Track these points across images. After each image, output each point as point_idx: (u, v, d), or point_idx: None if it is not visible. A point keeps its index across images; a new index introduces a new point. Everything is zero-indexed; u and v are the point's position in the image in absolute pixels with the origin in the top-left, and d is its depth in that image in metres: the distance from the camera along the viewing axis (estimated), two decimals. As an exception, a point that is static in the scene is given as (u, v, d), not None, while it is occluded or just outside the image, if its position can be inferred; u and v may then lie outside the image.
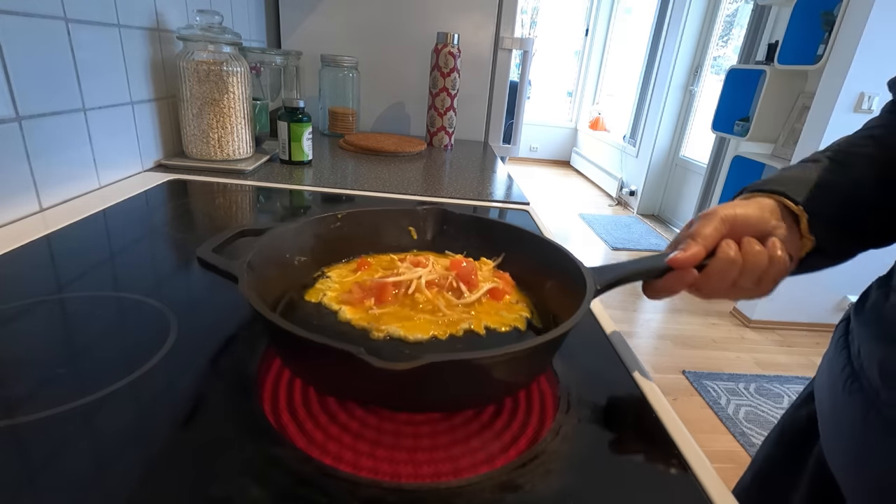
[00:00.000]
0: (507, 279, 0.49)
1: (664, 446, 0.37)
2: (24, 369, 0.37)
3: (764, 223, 0.42)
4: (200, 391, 0.37)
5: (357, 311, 0.42)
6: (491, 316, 0.44)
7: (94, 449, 0.31)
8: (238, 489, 0.29)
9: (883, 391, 0.40)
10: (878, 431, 0.40)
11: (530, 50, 1.56)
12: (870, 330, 0.44)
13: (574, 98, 5.82)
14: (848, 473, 0.44)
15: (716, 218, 0.42)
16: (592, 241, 3.51)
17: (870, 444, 0.41)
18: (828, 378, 0.49)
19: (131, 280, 0.53)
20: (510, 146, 1.67)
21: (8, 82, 0.59)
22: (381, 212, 0.54)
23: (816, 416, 0.51)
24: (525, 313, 0.45)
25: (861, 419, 0.42)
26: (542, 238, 0.52)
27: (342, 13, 1.45)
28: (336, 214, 0.50)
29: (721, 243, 0.41)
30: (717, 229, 0.41)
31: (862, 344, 0.45)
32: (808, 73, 2.34)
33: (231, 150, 0.96)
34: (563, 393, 0.40)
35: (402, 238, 0.55)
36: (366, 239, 0.53)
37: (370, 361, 0.27)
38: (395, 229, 0.55)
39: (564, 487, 0.32)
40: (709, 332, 2.32)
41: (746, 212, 0.42)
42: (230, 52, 0.90)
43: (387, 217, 0.54)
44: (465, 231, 0.55)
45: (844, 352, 0.47)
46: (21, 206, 0.63)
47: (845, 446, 0.44)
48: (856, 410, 0.42)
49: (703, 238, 0.41)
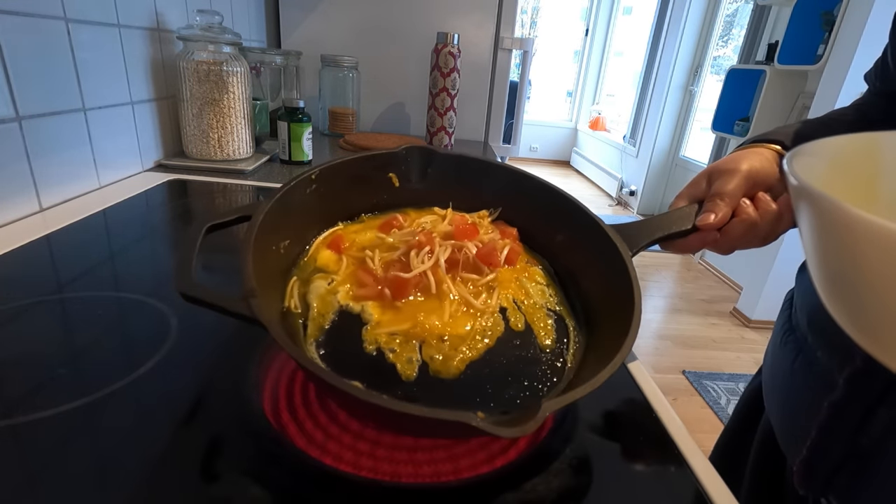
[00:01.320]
0: (514, 235, 0.45)
1: (664, 446, 0.37)
2: (24, 369, 0.37)
3: (773, 175, 0.43)
4: (200, 391, 0.37)
5: (384, 309, 0.36)
6: (512, 287, 0.40)
7: (95, 449, 0.31)
8: (238, 489, 0.29)
9: (810, 336, 0.42)
10: (802, 373, 0.42)
11: (530, 50, 1.56)
12: (804, 284, 0.46)
13: (574, 98, 5.82)
14: (776, 419, 0.46)
15: (738, 175, 0.43)
16: (592, 241, 3.50)
17: (797, 386, 0.43)
18: (772, 337, 0.51)
19: (131, 280, 0.53)
20: (510, 146, 1.67)
21: (8, 82, 0.59)
22: (358, 160, 0.46)
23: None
24: (541, 279, 0.42)
25: (790, 365, 0.44)
26: (547, 184, 0.47)
27: (342, 13, 1.45)
28: (310, 176, 0.42)
29: (740, 203, 0.42)
30: (739, 186, 0.43)
31: (797, 298, 0.47)
32: (808, 73, 2.34)
33: (231, 150, 0.96)
34: (563, 393, 0.40)
35: (384, 188, 0.48)
36: (344, 197, 0.46)
37: (497, 433, 0.24)
38: (375, 179, 0.48)
39: (564, 487, 0.32)
40: (709, 332, 2.32)
41: (762, 165, 0.44)
42: (230, 52, 0.90)
43: (364, 165, 0.47)
44: (453, 173, 0.50)
45: (787, 311, 0.49)
46: (21, 206, 0.63)
47: (778, 395, 0.46)
48: (787, 358, 0.45)
49: (730, 197, 0.42)
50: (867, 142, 0.33)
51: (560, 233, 0.46)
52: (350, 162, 0.45)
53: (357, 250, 0.41)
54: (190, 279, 0.31)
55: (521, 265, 0.43)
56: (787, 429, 0.45)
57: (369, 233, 0.44)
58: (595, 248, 0.42)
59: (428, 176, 0.49)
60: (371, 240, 0.42)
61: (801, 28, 2.25)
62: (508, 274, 0.41)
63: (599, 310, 0.40)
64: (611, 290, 0.39)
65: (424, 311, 0.36)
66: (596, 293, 0.41)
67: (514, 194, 0.48)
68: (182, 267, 0.32)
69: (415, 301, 0.37)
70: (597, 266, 0.42)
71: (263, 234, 0.36)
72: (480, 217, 0.47)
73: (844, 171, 0.32)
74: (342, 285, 0.38)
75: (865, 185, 0.32)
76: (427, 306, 0.36)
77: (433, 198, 0.49)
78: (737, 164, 0.44)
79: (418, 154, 0.49)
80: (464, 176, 0.49)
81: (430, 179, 0.49)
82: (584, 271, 0.43)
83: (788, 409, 0.44)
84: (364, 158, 0.47)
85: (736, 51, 3.24)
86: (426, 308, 0.36)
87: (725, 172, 0.44)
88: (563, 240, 0.45)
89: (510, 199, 0.48)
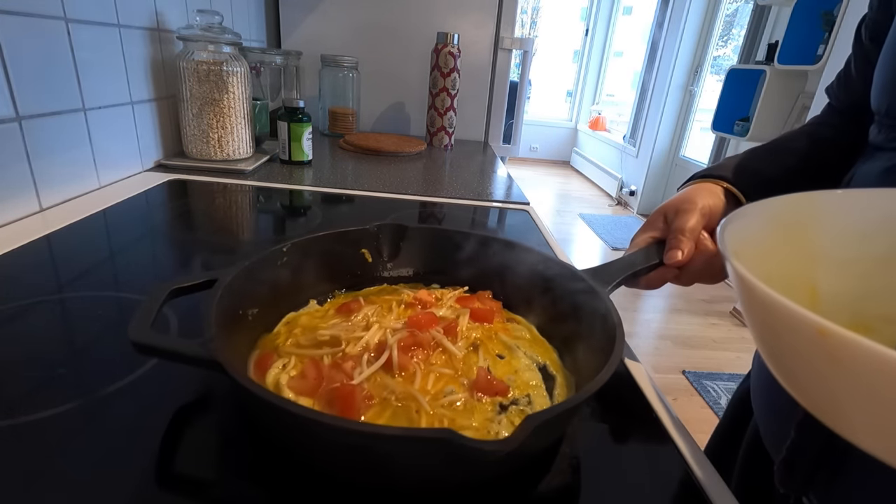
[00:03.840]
0: (485, 297, 0.47)
1: (664, 446, 0.37)
2: (24, 369, 0.37)
3: (723, 209, 0.47)
4: (200, 391, 0.37)
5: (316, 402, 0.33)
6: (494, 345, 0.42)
7: (95, 449, 0.31)
8: (239, 489, 0.29)
9: None
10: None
11: (530, 50, 1.56)
12: None
13: (574, 98, 5.82)
14: (761, 420, 0.47)
15: (696, 211, 0.46)
16: (592, 241, 3.51)
17: (778, 388, 0.44)
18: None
19: (131, 280, 0.53)
20: (510, 146, 1.67)
21: (8, 82, 0.59)
22: (329, 236, 0.48)
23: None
24: (523, 335, 0.44)
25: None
26: (517, 244, 0.49)
27: (342, 13, 1.45)
28: (281, 248, 0.43)
29: (700, 237, 0.45)
30: (699, 222, 0.45)
31: None
32: (808, 73, 2.34)
33: (231, 150, 0.96)
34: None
35: (357, 264, 0.50)
36: (316, 270, 0.46)
37: (481, 447, 0.23)
38: (346, 253, 0.49)
39: (564, 487, 0.32)
40: (709, 332, 2.32)
41: (714, 202, 0.47)
42: (230, 52, 0.90)
43: (335, 241, 0.48)
44: (424, 247, 0.51)
45: None
46: (21, 206, 0.63)
47: (762, 397, 0.47)
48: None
49: (691, 233, 0.44)
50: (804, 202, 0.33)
51: (538, 288, 0.47)
52: (321, 238, 0.47)
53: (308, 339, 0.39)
54: (146, 329, 0.30)
55: (499, 323, 0.45)
56: (770, 429, 0.45)
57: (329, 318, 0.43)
58: (575, 295, 0.43)
59: (402, 250, 0.51)
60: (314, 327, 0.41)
61: (801, 28, 2.25)
62: (488, 332, 0.43)
63: (585, 349, 0.41)
64: (594, 327, 0.39)
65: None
66: (581, 338, 0.41)
67: (488, 260, 0.50)
68: (139, 318, 0.31)
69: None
70: (579, 313, 0.42)
71: (231, 297, 0.36)
72: (440, 295, 0.47)
73: (781, 230, 0.32)
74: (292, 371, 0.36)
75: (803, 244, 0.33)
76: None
77: (408, 272, 0.51)
78: (692, 202, 0.46)
79: (389, 231, 0.51)
80: (436, 248, 0.51)
81: (403, 254, 0.51)
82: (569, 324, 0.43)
83: (771, 410, 0.45)
84: (335, 235, 0.48)
85: (736, 51, 3.24)
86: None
87: (683, 211, 0.46)
88: (542, 295, 0.46)
89: (484, 267, 0.50)
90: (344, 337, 0.38)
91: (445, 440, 0.23)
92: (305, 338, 0.39)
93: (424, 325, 0.40)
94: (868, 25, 0.47)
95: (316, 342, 0.39)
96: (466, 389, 0.36)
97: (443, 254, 0.51)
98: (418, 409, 0.33)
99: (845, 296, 0.32)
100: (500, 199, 0.96)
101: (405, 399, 0.34)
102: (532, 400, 0.37)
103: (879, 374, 0.17)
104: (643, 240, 0.49)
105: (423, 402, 0.33)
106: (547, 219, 3.86)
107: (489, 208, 0.92)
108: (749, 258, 0.25)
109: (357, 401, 0.32)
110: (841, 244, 0.32)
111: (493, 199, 0.96)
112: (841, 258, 0.32)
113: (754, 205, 0.32)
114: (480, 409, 0.35)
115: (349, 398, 0.32)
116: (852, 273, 0.32)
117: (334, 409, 0.32)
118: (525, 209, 0.92)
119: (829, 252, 0.32)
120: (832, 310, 0.31)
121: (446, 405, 0.34)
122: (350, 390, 0.33)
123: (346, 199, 0.88)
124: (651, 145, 4.01)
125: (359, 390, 0.33)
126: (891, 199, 0.32)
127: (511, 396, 0.36)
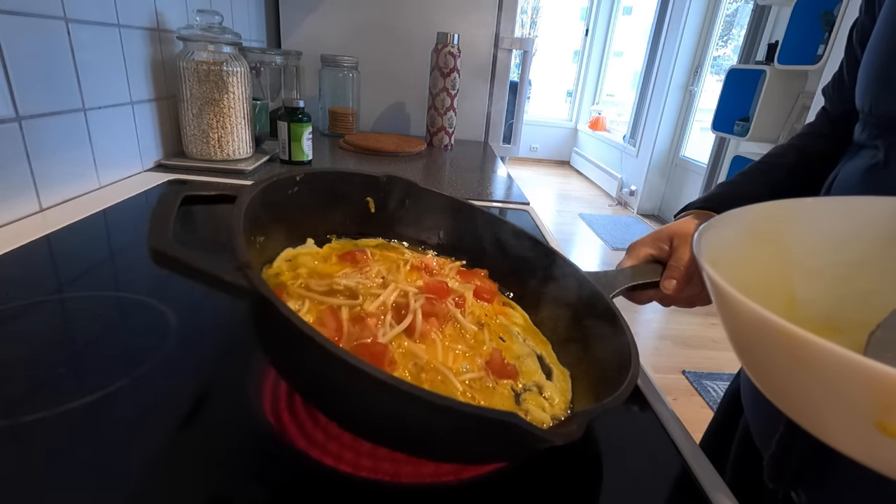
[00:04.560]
0: (482, 275, 0.46)
1: (664, 446, 0.37)
2: (24, 369, 0.37)
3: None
4: (201, 391, 0.36)
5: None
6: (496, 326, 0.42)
7: (95, 449, 0.31)
8: (238, 489, 0.29)
9: None
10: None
11: (530, 50, 1.56)
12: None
13: (574, 98, 5.82)
14: (752, 417, 0.49)
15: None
16: (592, 241, 3.51)
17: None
18: None
19: (131, 280, 0.53)
20: (510, 146, 1.67)
21: (8, 82, 0.59)
22: (341, 173, 0.47)
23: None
24: (520, 320, 0.45)
25: None
26: (523, 231, 0.49)
27: (342, 13, 1.45)
28: (295, 176, 0.42)
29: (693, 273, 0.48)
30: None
31: None
32: (808, 73, 2.34)
33: (231, 150, 0.96)
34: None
35: (360, 210, 0.49)
36: (321, 209, 0.45)
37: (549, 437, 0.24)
38: (352, 197, 0.48)
39: (564, 487, 0.32)
40: (709, 332, 2.32)
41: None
42: (230, 52, 0.90)
43: (345, 182, 0.47)
44: (427, 210, 0.50)
45: None
46: (21, 206, 0.63)
47: (752, 393, 0.49)
48: None
49: (686, 269, 0.48)
50: (780, 210, 0.34)
51: (535, 278, 0.47)
52: (334, 174, 0.46)
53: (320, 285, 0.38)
54: (168, 238, 0.26)
55: (497, 305, 0.44)
56: (759, 425, 0.46)
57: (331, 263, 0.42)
58: (573, 291, 0.44)
59: (405, 208, 0.50)
60: (332, 272, 0.40)
61: (801, 28, 2.25)
62: (489, 312, 0.42)
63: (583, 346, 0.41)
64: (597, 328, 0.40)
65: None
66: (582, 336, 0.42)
67: (488, 235, 0.50)
68: (157, 224, 0.27)
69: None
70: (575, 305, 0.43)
71: (248, 219, 0.34)
72: (441, 263, 0.47)
73: (759, 237, 0.33)
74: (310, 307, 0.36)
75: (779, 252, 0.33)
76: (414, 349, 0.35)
77: (407, 232, 0.50)
78: (690, 232, 0.50)
79: (399, 185, 0.50)
80: (442, 215, 0.51)
81: (406, 212, 0.50)
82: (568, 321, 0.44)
83: (759, 407, 0.46)
84: (348, 175, 0.47)
85: (736, 51, 3.23)
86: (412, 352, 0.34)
87: (684, 242, 0.49)
88: (538, 284, 0.47)
89: (483, 243, 0.50)
90: (362, 291, 0.37)
91: (513, 424, 0.24)
92: (317, 283, 0.37)
93: (440, 295, 0.38)
94: (858, 29, 0.48)
95: (330, 290, 0.37)
96: (482, 369, 0.35)
97: (447, 222, 0.50)
98: (443, 380, 0.32)
99: (821, 301, 0.33)
100: (500, 199, 0.96)
101: (430, 370, 0.33)
102: (543, 390, 0.36)
103: (840, 375, 0.18)
104: (644, 254, 0.51)
105: (452, 379, 0.33)
106: (547, 219, 3.86)
107: (489, 208, 0.92)
108: (727, 267, 0.26)
109: (387, 363, 0.31)
110: (816, 251, 0.33)
111: (493, 199, 0.96)
112: (816, 265, 0.33)
113: (731, 213, 0.32)
114: (500, 393, 0.34)
115: (380, 358, 0.31)
116: (827, 279, 0.33)
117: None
118: (525, 209, 0.92)
119: (804, 259, 0.33)
120: (808, 315, 0.32)
121: (467, 383, 0.34)
122: (381, 350, 0.32)
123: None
124: (651, 145, 4.01)
125: (388, 351, 0.32)
126: (864, 207, 0.33)
127: (521, 382, 0.36)
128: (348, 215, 0.48)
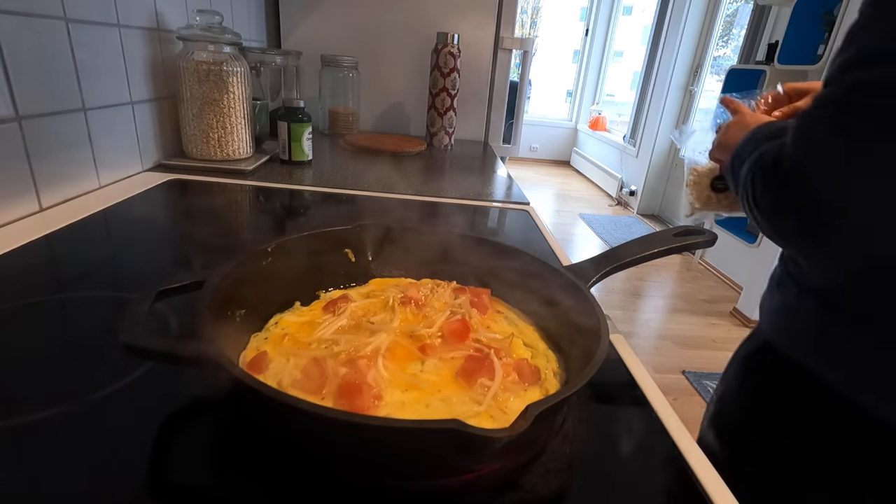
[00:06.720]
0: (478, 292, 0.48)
1: (664, 446, 0.37)
2: (24, 369, 0.37)
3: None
4: (200, 391, 0.36)
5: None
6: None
7: (94, 449, 0.31)
8: (238, 489, 0.29)
9: (804, 266, 0.50)
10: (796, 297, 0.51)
11: (530, 50, 1.56)
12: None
13: (574, 98, 5.82)
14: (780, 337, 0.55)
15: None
16: (592, 241, 3.51)
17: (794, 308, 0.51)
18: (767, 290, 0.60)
19: (131, 280, 0.53)
20: (510, 146, 1.67)
21: (8, 82, 0.59)
22: (311, 236, 0.48)
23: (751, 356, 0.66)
24: (516, 320, 0.46)
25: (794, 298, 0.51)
26: (494, 242, 0.50)
27: (342, 13, 1.45)
28: (266, 248, 0.44)
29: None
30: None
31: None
32: (808, 73, 2.34)
33: (231, 150, 0.96)
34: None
35: (339, 261, 0.50)
36: (301, 271, 0.46)
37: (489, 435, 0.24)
38: (329, 253, 0.50)
39: (564, 487, 0.32)
40: (709, 332, 2.32)
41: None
42: (230, 52, 0.90)
43: (318, 241, 0.49)
44: (408, 246, 0.52)
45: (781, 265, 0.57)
46: (21, 206, 0.63)
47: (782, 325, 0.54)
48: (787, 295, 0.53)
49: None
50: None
51: (523, 285, 0.48)
52: (304, 238, 0.47)
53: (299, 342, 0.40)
54: (138, 330, 0.30)
55: (493, 313, 0.46)
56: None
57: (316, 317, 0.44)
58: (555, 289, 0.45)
59: (384, 250, 0.52)
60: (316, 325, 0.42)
61: (801, 28, 2.25)
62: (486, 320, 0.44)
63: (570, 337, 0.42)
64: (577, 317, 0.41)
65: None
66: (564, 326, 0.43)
67: (470, 256, 0.50)
68: (128, 321, 0.30)
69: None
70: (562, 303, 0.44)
71: (218, 298, 0.36)
72: (434, 286, 0.48)
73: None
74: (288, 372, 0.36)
75: None
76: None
77: (394, 273, 0.52)
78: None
79: (371, 231, 0.51)
80: (420, 247, 0.52)
81: (387, 254, 0.52)
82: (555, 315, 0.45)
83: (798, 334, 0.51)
84: (318, 235, 0.49)
85: (736, 51, 3.24)
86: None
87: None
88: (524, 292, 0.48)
89: (467, 263, 0.50)
90: (342, 338, 0.39)
91: (456, 430, 0.24)
92: (297, 340, 0.40)
93: (461, 337, 0.41)
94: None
95: (314, 342, 0.39)
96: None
97: (427, 253, 0.51)
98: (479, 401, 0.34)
99: None
100: (500, 199, 0.96)
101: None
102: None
103: None
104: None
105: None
106: (547, 219, 3.86)
107: (489, 208, 0.92)
108: None
109: (370, 398, 0.33)
110: None
111: (493, 199, 0.96)
112: None
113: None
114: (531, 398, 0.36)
115: (357, 392, 0.32)
116: None
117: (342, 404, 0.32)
118: (525, 209, 0.92)
119: None
120: None
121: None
122: (360, 384, 0.33)
123: (346, 199, 0.88)
124: (651, 145, 4.01)
125: (370, 387, 0.33)
126: None
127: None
128: (331, 269, 0.50)
